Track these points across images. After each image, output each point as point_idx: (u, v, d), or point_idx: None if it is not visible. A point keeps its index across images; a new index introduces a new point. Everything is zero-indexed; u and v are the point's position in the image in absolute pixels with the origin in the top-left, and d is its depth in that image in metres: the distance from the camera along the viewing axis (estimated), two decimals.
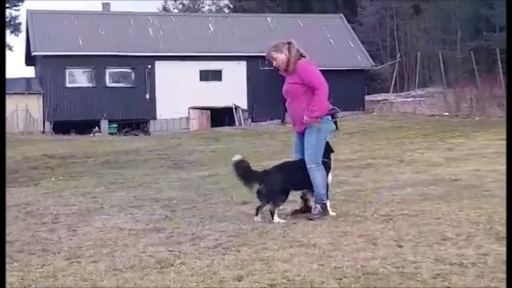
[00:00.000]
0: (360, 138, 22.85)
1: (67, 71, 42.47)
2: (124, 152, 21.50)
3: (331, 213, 8.09)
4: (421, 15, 56.15)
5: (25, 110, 41.13)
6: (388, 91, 45.72)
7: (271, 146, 21.27)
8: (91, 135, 37.97)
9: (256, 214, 8.11)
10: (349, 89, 43.02)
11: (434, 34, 54.41)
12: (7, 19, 60.84)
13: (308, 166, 8.03)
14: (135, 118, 41.86)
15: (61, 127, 39.15)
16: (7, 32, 61.37)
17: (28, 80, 44.79)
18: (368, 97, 45.92)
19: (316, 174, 8.02)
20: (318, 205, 8.01)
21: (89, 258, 6.49)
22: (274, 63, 8.28)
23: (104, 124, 41.63)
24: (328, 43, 46.54)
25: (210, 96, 42.51)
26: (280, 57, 8.18)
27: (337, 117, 8.34)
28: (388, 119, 35.56)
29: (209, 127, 40.03)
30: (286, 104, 8.38)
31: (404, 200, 8.96)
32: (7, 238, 5.03)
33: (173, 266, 6.00)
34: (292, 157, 8.56)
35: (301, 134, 8.18)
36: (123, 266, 6.05)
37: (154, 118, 42.04)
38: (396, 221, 7.50)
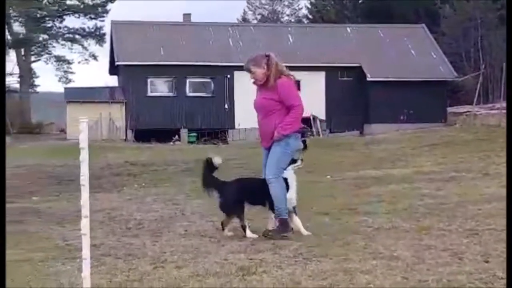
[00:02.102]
0: (442, 151, 22.44)
1: (148, 80, 43.25)
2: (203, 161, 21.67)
3: (305, 232, 7.85)
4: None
5: (109, 118, 42.02)
6: (471, 103, 44.77)
7: (350, 157, 21.11)
8: (171, 143, 38.47)
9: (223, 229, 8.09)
10: (431, 101, 42.42)
11: None
12: (92, 30, 62.36)
13: (267, 178, 7.91)
14: (214, 127, 42.24)
15: (142, 135, 39.82)
16: (92, 42, 62.89)
17: (111, 89, 45.82)
18: (450, 109, 45.09)
19: (275, 186, 7.86)
20: (276, 221, 7.85)
21: (172, 263, 6.57)
22: (251, 76, 8.15)
23: (183, 132, 42.14)
24: (409, 54, 45.98)
25: None
26: (258, 71, 8.06)
27: (307, 136, 8.20)
28: (471, 131, 34.75)
29: None
30: (258, 119, 8.19)
31: (490, 215, 8.73)
32: (93, 241, 5.15)
33: (255, 274, 6.02)
34: (262, 174, 8.27)
35: (269, 150, 8.04)
36: (206, 272, 6.11)
37: (233, 127, 42.34)
38: (482, 235, 7.34)
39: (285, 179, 7.99)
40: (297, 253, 6.85)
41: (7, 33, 60.49)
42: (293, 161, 8.06)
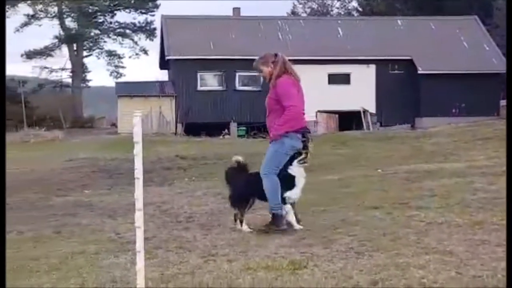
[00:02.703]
0: (495, 145, 22.08)
1: (198, 74, 43.47)
2: (252, 155, 21.69)
3: (297, 226, 7.89)
4: None
5: (159, 112, 42.36)
6: None
7: (401, 151, 20.93)
8: (221, 137, 38.60)
9: (235, 221, 8.23)
10: (483, 94, 41.84)
11: None
12: (143, 25, 62.89)
13: (260, 173, 8.00)
14: (263, 121, 42.10)
15: (192, 129, 40.04)
16: (143, 36, 63.44)
17: (162, 84, 46.15)
18: (503, 102, 44.35)
19: (265, 183, 7.94)
20: (271, 216, 7.96)
21: (223, 256, 6.61)
22: (261, 75, 8.26)
23: (233, 126, 42.25)
24: (461, 46, 45.35)
25: (338, 100, 42.35)
26: (265, 69, 8.14)
27: (307, 138, 8.10)
28: None
29: (336, 131, 39.87)
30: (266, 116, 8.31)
31: None
32: (145, 234, 5.19)
33: (306, 268, 6.01)
34: None
35: None
36: (257, 266, 6.12)
37: None
38: None
39: (292, 177, 8.02)
40: (348, 247, 6.81)
41: (59, 28, 61.43)
42: (293, 158, 8.02)
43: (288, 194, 7.97)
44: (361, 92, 43.45)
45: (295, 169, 8.03)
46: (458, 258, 6.10)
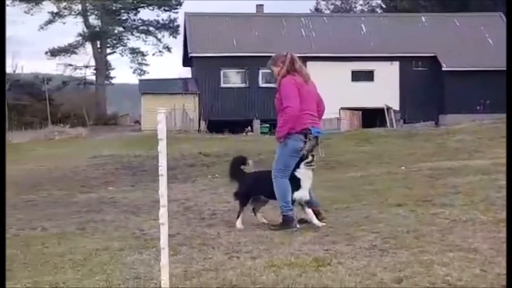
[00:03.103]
0: None
1: (221, 71, 43.56)
2: (275, 152, 21.72)
3: (319, 224, 7.91)
4: None
5: (182, 110, 42.50)
6: None
7: (425, 148, 20.80)
8: (244, 134, 38.65)
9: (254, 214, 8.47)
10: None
11: None
12: (166, 22, 63.11)
13: (272, 173, 8.07)
14: None
15: (215, 126, 40.14)
16: (166, 34, 63.70)
17: (185, 81, 46.34)
18: None
19: (275, 181, 8.01)
20: (281, 216, 8.03)
21: (247, 253, 6.61)
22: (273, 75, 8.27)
23: (256, 123, 42.29)
24: (486, 42, 45.05)
25: (362, 97, 42.26)
26: (275, 70, 8.16)
27: (309, 139, 8.01)
28: None
29: (360, 128, 39.76)
30: None
31: None
32: (169, 231, 5.20)
33: (330, 265, 6.00)
34: None
35: None
36: (281, 263, 6.12)
37: None
38: None
39: (298, 179, 8.03)
40: (372, 244, 6.79)
41: (83, 26, 61.80)
42: (301, 159, 8.04)
43: (294, 195, 8.02)
44: (385, 89, 43.31)
45: (302, 171, 8.05)
46: (483, 256, 6.06)
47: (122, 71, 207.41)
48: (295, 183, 8.02)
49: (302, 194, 8.06)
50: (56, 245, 7.52)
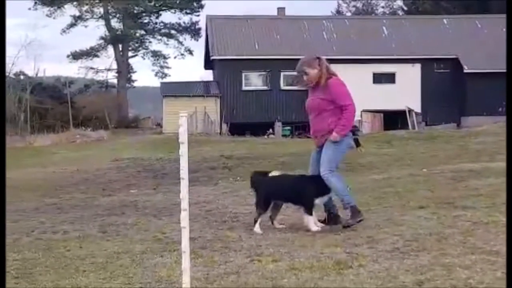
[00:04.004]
0: None
1: (243, 74, 43.60)
2: (298, 154, 21.70)
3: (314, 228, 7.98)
4: None
5: (204, 112, 42.59)
6: None
7: (446, 150, 20.71)
8: (265, 137, 38.66)
9: (272, 223, 8.41)
10: None
11: None
12: (188, 25, 63.26)
13: (322, 174, 8.08)
14: (308, 121, 42.09)
15: (237, 129, 40.18)
16: (188, 37, 63.85)
17: (206, 84, 46.41)
18: None
19: (332, 180, 8.05)
20: (348, 210, 8.05)
21: (269, 256, 6.61)
22: (305, 78, 8.22)
23: (277, 126, 42.28)
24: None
25: (383, 99, 42.11)
26: (312, 72, 8.18)
27: (358, 135, 8.47)
28: None
29: (381, 130, 39.62)
30: (310, 118, 8.40)
31: None
32: (190, 234, 5.22)
33: (352, 268, 6.00)
34: (309, 171, 8.52)
35: (321, 148, 8.25)
36: (302, 266, 6.12)
37: None
38: None
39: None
40: (394, 247, 6.78)
41: (105, 29, 62.10)
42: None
43: (318, 201, 8.20)
44: (406, 91, 43.14)
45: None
46: (505, 258, 6.01)
47: (144, 74, 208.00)
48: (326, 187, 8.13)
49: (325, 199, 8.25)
50: (77, 248, 7.56)
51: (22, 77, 53.93)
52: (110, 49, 63.23)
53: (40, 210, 11.20)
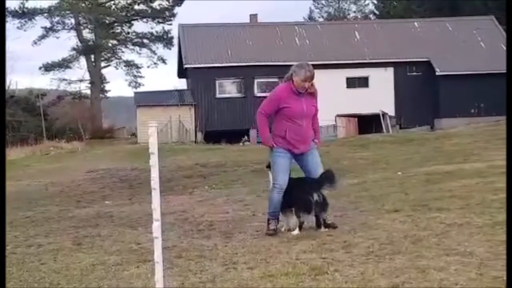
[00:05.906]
0: None
1: (217, 82, 43.61)
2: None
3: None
4: None
5: (178, 121, 42.51)
6: None
7: (421, 153, 20.82)
8: (241, 144, 38.62)
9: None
10: (503, 93, 41.46)
11: None
12: (160, 34, 63.17)
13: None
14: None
15: (212, 137, 40.14)
16: (160, 46, 63.76)
17: (180, 92, 46.34)
18: None
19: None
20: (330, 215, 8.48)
21: (244, 264, 6.60)
22: (307, 85, 8.14)
23: (253, 133, 42.28)
24: (478, 46, 45.18)
25: (357, 103, 42.33)
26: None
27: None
28: None
29: (356, 134, 39.77)
30: (300, 124, 8.20)
31: None
32: (166, 244, 5.21)
33: (327, 273, 6.00)
34: (278, 180, 8.46)
35: (296, 156, 8.35)
36: (278, 273, 6.11)
37: None
38: None
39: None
40: (369, 251, 6.80)
41: (77, 40, 61.82)
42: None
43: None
44: (380, 95, 43.39)
45: None
46: (479, 259, 6.07)
47: (117, 84, 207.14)
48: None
49: None
50: (52, 262, 7.49)
51: None
52: (83, 60, 63.08)
53: (14, 223, 11.07)
